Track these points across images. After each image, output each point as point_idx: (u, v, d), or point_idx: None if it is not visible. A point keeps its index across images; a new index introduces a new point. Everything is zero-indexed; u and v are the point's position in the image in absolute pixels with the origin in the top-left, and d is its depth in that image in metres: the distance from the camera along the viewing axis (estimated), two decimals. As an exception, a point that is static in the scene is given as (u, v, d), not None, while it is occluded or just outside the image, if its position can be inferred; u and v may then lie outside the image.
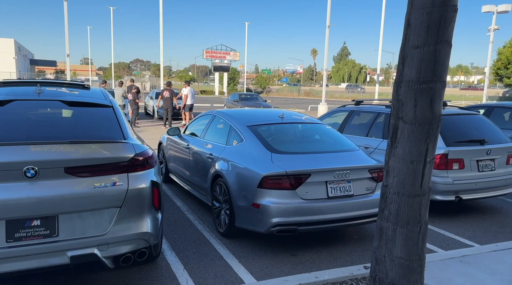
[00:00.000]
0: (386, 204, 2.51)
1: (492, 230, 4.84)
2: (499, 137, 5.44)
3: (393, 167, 2.46)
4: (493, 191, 5.23)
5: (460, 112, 5.68)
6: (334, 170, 3.96)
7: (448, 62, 2.33)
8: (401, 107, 2.39)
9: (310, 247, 4.21)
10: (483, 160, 5.14)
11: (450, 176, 4.97)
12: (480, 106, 7.70)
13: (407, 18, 2.31)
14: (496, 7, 24.48)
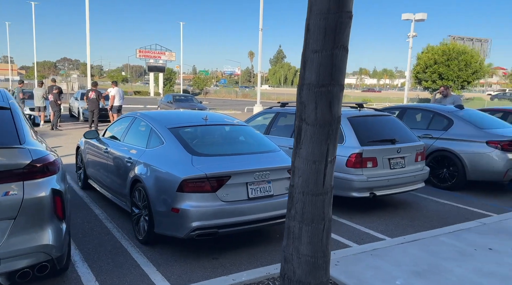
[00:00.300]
0: (293, 204, 2.57)
1: (403, 224, 5.21)
2: (409, 136, 5.89)
3: (298, 167, 2.53)
4: (404, 187, 5.65)
5: (374, 114, 6.06)
6: (254, 171, 3.99)
7: (345, 67, 2.44)
8: (304, 109, 2.46)
9: (232, 248, 4.20)
10: (395, 158, 5.52)
11: (365, 174, 5.27)
12: (395, 108, 8.31)
13: (307, 23, 2.39)
14: (414, 15, 26.66)
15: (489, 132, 6.63)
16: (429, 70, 38.30)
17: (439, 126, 7.21)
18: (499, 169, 6.36)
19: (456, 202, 6.22)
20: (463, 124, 6.91)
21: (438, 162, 7.05)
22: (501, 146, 6.35)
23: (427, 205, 6.07)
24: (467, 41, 46.38)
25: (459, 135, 6.83)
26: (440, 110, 7.39)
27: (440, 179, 7.02)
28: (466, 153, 6.64)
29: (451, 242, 4.21)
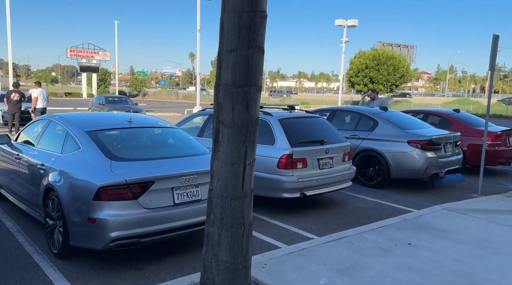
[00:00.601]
0: (212, 209, 2.47)
1: (332, 222, 5.35)
2: (336, 137, 6.08)
3: (217, 170, 2.44)
4: (333, 186, 5.81)
5: (304, 116, 6.19)
6: (180, 175, 3.83)
7: (262, 67, 2.40)
8: (221, 110, 2.38)
9: (159, 258, 4.00)
10: (323, 158, 5.66)
11: (295, 175, 5.34)
12: (326, 110, 8.59)
13: (221, 22, 2.31)
14: (346, 21, 28.06)
15: (410, 132, 7.07)
16: (361, 74, 40.53)
17: (365, 128, 7.56)
18: (419, 167, 6.80)
19: (381, 199, 6.55)
20: (386, 125, 7.30)
21: (365, 161, 7.38)
22: (421, 145, 6.81)
23: (355, 202, 6.31)
24: (395, 47, 49.86)
25: (383, 135, 7.21)
26: (366, 112, 7.76)
27: (367, 178, 7.35)
28: (390, 152, 7.03)
29: (374, 239, 4.38)
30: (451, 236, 4.54)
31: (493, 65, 6.49)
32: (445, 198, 6.71)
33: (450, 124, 8.92)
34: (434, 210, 5.56)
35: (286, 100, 47.98)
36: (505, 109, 32.68)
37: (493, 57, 6.42)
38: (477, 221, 5.09)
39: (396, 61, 39.78)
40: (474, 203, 6.05)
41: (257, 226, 5.07)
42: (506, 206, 5.95)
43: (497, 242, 4.35)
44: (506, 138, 8.54)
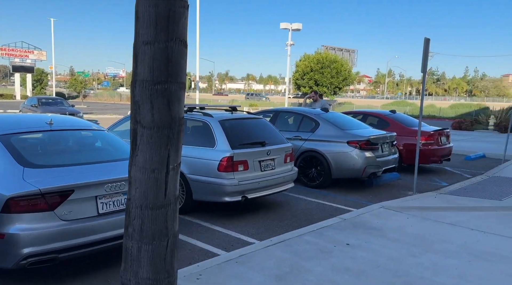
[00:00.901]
0: (130, 220, 2.21)
1: (273, 225, 5.25)
2: (278, 138, 6.00)
3: (135, 177, 2.18)
4: (275, 188, 5.72)
5: (245, 117, 6.05)
6: (105, 182, 3.49)
7: (185, 63, 2.19)
8: (138, 110, 2.13)
9: (83, 273, 3.63)
10: (265, 160, 5.55)
11: (236, 177, 5.17)
12: (269, 111, 8.55)
13: (136, 10, 2.07)
14: (291, 25, 28.54)
15: (349, 133, 7.21)
16: (306, 77, 41.60)
17: (307, 129, 7.60)
18: (358, 167, 6.94)
19: (323, 199, 6.58)
20: (327, 126, 7.39)
21: (307, 162, 7.41)
22: (360, 145, 6.95)
23: (297, 204, 6.28)
24: (338, 51, 51.76)
25: (324, 136, 7.28)
26: (308, 113, 7.81)
27: (309, 178, 7.38)
28: (331, 152, 7.10)
29: (313, 240, 4.33)
30: (387, 234, 4.61)
31: (425, 68, 6.79)
32: (383, 196, 6.90)
33: (387, 125, 9.26)
34: (372, 209, 5.66)
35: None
36: (438, 111, 35.12)
37: (425, 60, 6.72)
38: (412, 219, 5.25)
39: (339, 64, 41.32)
40: (409, 201, 6.27)
41: (197, 232, 4.83)
42: (439, 202, 6.23)
43: (430, 239, 4.48)
44: (438, 138, 9.03)
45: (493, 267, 3.73)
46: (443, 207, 5.91)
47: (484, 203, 6.20)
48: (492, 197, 6.61)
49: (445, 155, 9.15)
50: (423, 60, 6.70)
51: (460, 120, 21.23)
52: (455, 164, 10.31)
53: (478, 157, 11.27)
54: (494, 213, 5.61)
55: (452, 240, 4.46)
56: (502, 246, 4.29)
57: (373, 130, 7.76)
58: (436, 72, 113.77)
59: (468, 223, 5.10)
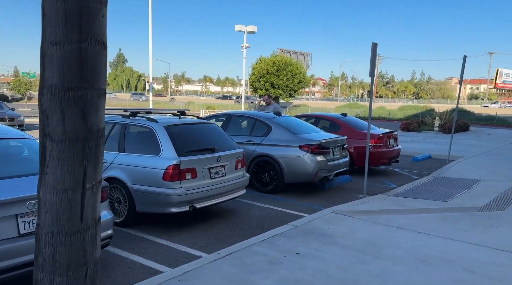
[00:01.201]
0: (40, 249, 1.90)
1: (224, 235, 5.03)
2: (229, 144, 5.80)
3: (45, 199, 1.88)
4: (225, 196, 5.50)
5: (194, 122, 5.78)
6: (26, 198, 3.11)
7: (104, 66, 1.92)
8: (47, 120, 1.83)
9: (2, 303, 3.20)
10: (215, 167, 5.32)
11: (183, 186, 4.89)
12: (222, 115, 8.33)
13: (42, 5, 1.77)
14: (245, 27, 28.46)
15: (301, 137, 7.15)
16: (263, 79, 41.71)
17: (260, 133, 7.46)
18: (310, 171, 6.89)
19: (276, 205, 6.46)
20: (279, 130, 7.29)
21: (260, 167, 7.27)
22: (311, 149, 6.91)
23: (249, 211, 6.11)
24: (293, 54, 52.42)
25: (276, 140, 7.17)
26: (260, 117, 7.68)
27: (262, 183, 7.24)
28: (283, 157, 7.01)
29: (263, 251, 4.16)
30: (337, 241, 4.55)
31: (373, 71, 6.88)
32: (335, 200, 6.90)
33: (339, 128, 9.36)
34: (324, 214, 5.61)
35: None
36: (388, 112, 36.59)
37: (373, 64, 6.81)
38: (362, 223, 5.24)
39: (294, 67, 41.83)
40: (360, 204, 6.30)
41: (139, 247, 4.50)
42: (388, 205, 6.31)
43: (379, 245, 4.47)
44: (387, 140, 9.24)
45: (438, 272, 3.75)
46: (392, 210, 5.99)
47: (430, 205, 6.36)
48: (438, 198, 6.81)
49: (394, 156, 9.40)
50: (371, 64, 6.79)
51: (408, 122, 22.13)
52: (404, 165, 10.64)
53: (424, 158, 11.73)
54: (440, 215, 5.75)
55: (400, 245, 4.48)
56: (447, 249, 4.35)
57: (325, 134, 7.77)
58: (385, 76, 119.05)
59: (415, 226, 5.18)
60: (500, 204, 6.44)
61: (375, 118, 34.64)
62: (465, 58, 10.23)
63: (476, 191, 7.40)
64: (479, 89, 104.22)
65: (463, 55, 10.18)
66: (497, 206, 6.31)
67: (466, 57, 10.22)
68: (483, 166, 10.02)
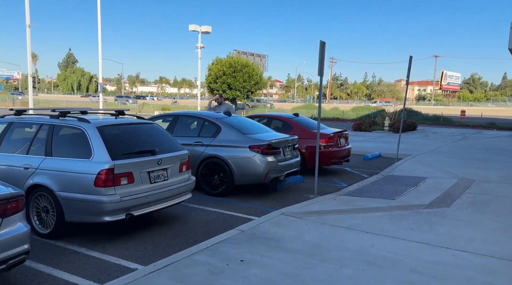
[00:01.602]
0: None
1: (164, 243, 4.67)
2: (172, 145, 5.44)
3: None
4: (168, 201, 5.14)
5: (132, 122, 5.36)
6: None
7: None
8: None
9: None
10: (155, 170, 4.94)
11: (118, 193, 4.48)
12: (169, 115, 7.92)
13: None
14: (200, 27, 27.99)
15: (251, 137, 6.92)
16: (219, 80, 41.29)
17: (209, 134, 7.14)
18: (261, 172, 6.68)
19: (224, 208, 6.18)
20: (229, 131, 7.02)
21: (210, 169, 6.96)
22: (261, 149, 6.69)
23: (195, 216, 5.77)
24: (249, 55, 52.42)
25: (226, 141, 6.90)
26: (209, 117, 7.36)
27: (212, 186, 6.93)
28: (233, 158, 6.74)
29: (205, 260, 3.86)
30: (284, 245, 4.35)
31: (321, 70, 6.81)
32: (286, 201, 6.74)
33: (291, 128, 9.26)
34: (273, 217, 5.40)
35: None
36: (341, 113, 37.53)
37: (321, 62, 6.73)
38: (310, 225, 5.09)
39: (251, 69, 41.79)
40: (310, 205, 6.17)
41: (67, 261, 4.04)
42: (337, 205, 6.23)
43: (327, 247, 4.32)
44: (337, 140, 9.26)
45: (385, 274, 3.64)
46: (341, 210, 5.91)
47: (379, 203, 6.36)
48: (386, 197, 6.85)
49: (345, 156, 9.44)
50: (320, 63, 6.70)
51: (360, 122, 22.71)
52: (354, 164, 10.75)
53: (375, 157, 11.96)
54: (388, 213, 5.75)
55: (348, 246, 4.36)
56: (394, 249, 4.29)
57: (275, 134, 7.59)
58: (340, 78, 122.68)
59: (364, 225, 5.11)
60: (445, 200, 6.58)
61: (329, 119, 35.38)
62: (411, 59, 10.53)
63: (423, 188, 7.55)
64: (426, 91, 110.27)
65: (409, 56, 10.47)
66: (442, 202, 6.44)
67: (412, 58, 10.52)
68: (430, 164, 10.35)
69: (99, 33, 25.80)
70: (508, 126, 25.57)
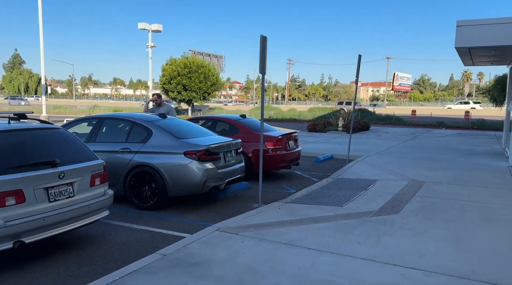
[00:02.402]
0: None
1: (64, 276, 3.81)
2: (81, 154, 4.58)
3: None
4: (75, 222, 4.28)
5: (28, 128, 4.44)
6: None
7: None
8: None
9: None
10: (56, 185, 4.07)
11: (2, 216, 3.58)
12: (91, 118, 6.99)
13: None
14: (150, 26, 26.76)
15: (187, 142, 6.18)
16: (174, 81, 39.99)
17: (138, 138, 6.31)
18: (198, 181, 5.95)
19: (154, 225, 5.39)
20: (162, 135, 6.23)
21: (139, 179, 6.13)
22: (198, 156, 5.97)
23: (116, 236, 4.95)
24: (206, 56, 51.44)
25: (158, 147, 6.11)
26: (139, 120, 6.53)
27: (142, 199, 6.11)
28: (165, 166, 5.96)
29: (105, 300, 3.09)
30: (211, 271, 3.66)
31: (262, 66, 6.21)
32: (227, 212, 6.07)
33: (237, 131, 8.63)
34: (205, 234, 4.70)
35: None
36: (298, 114, 37.51)
37: (263, 59, 6.14)
38: (247, 242, 4.44)
39: (206, 69, 40.86)
40: (251, 217, 5.53)
41: None
42: (281, 215, 5.65)
43: (261, 271, 3.68)
44: (286, 142, 8.72)
45: (323, 306, 3.06)
46: (284, 222, 5.32)
47: (326, 211, 5.86)
48: (334, 203, 6.38)
49: (294, 159, 8.93)
50: (261, 59, 6.10)
51: (314, 122, 22.50)
52: (305, 167, 10.30)
53: (327, 158, 11.60)
54: (334, 224, 5.24)
55: (286, 268, 3.75)
56: (337, 270, 3.73)
57: (216, 137, 6.88)
58: (298, 79, 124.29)
59: (307, 240, 4.54)
60: (395, 206, 6.20)
61: (287, 120, 35.22)
62: (360, 57, 10.25)
63: (372, 192, 7.17)
64: (380, 92, 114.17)
65: (358, 54, 10.18)
66: (392, 208, 6.04)
67: (361, 57, 10.25)
68: (380, 165, 10.09)
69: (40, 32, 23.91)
70: (456, 125, 26.54)
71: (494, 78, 32.43)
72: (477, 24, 10.43)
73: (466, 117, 29.58)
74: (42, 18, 23.72)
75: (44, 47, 24.48)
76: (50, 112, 35.84)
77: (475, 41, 10.50)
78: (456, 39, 10.46)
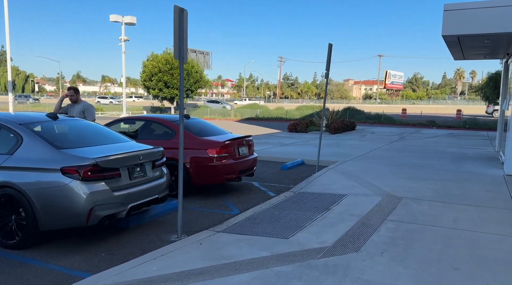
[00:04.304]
0: None
1: None
2: None
3: None
4: None
5: None
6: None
7: None
8: None
9: None
10: None
11: None
12: None
13: None
14: (123, 18, 24.91)
15: (69, 153, 4.47)
16: (155, 78, 38.14)
17: (3, 148, 4.60)
18: (80, 209, 4.25)
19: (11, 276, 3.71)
20: (34, 144, 4.52)
21: (2, 205, 4.42)
22: (81, 173, 4.26)
23: None
24: (191, 52, 49.58)
25: (27, 161, 4.40)
26: (5, 121, 4.80)
27: (5, 234, 4.41)
28: (34, 188, 4.27)
29: None
30: None
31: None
32: (124, 251, 4.41)
33: (173, 135, 6.94)
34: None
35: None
36: (285, 113, 35.83)
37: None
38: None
39: (189, 66, 38.99)
40: (149, 262, 3.88)
41: None
42: (195, 258, 3.99)
43: None
44: (235, 149, 7.05)
45: None
46: (192, 272, 3.67)
47: (260, 249, 4.22)
48: (280, 232, 4.75)
49: (246, 169, 7.25)
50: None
51: (295, 122, 20.75)
52: (266, 176, 8.65)
53: (296, 165, 9.94)
54: (261, 274, 3.59)
55: None
56: None
57: (119, 146, 5.12)
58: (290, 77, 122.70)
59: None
60: (357, 237, 4.58)
61: (273, 118, 33.54)
62: (331, 47, 8.60)
63: (335, 214, 5.54)
64: (372, 90, 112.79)
65: (329, 43, 8.54)
66: (351, 242, 4.42)
67: (332, 46, 8.59)
68: (354, 174, 8.46)
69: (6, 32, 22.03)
70: (447, 124, 25.05)
71: (486, 76, 31.07)
72: (467, 8, 8.83)
73: (458, 116, 28.12)
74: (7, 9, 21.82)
75: (10, 46, 22.59)
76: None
77: (465, 29, 8.91)
78: (444, 26, 8.87)
